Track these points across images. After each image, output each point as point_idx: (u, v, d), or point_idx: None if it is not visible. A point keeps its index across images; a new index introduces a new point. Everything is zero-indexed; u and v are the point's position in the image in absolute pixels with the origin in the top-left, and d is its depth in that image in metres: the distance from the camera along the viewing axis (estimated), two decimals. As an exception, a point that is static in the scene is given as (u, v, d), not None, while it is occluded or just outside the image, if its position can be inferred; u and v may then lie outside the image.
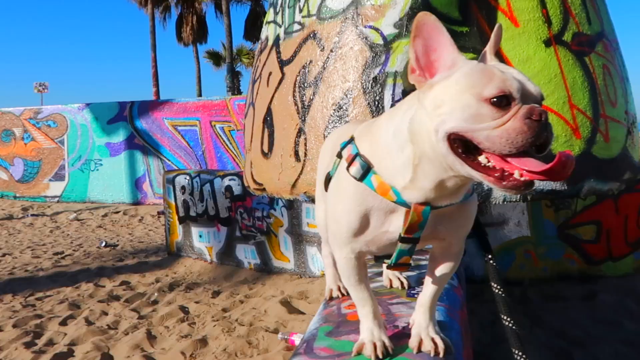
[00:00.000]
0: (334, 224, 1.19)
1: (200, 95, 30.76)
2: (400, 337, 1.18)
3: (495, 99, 0.97)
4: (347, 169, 1.15)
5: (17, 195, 12.31)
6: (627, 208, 4.67)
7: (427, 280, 1.23)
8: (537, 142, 0.95)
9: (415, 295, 1.41)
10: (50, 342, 3.80)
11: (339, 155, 1.22)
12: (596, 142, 3.22)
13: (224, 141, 10.65)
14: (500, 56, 3.18)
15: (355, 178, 1.13)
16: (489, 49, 1.12)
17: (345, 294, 1.49)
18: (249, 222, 5.44)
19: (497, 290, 1.43)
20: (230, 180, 5.64)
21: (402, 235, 1.12)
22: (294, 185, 3.38)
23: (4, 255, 6.97)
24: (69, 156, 11.90)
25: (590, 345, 3.31)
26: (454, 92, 1.01)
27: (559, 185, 3.12)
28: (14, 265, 6.32)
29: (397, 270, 1.15)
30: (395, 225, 1.12)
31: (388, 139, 1.11)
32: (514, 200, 3.10)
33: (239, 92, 28.44)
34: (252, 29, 34.26)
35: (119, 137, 11.47)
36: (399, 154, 1.08)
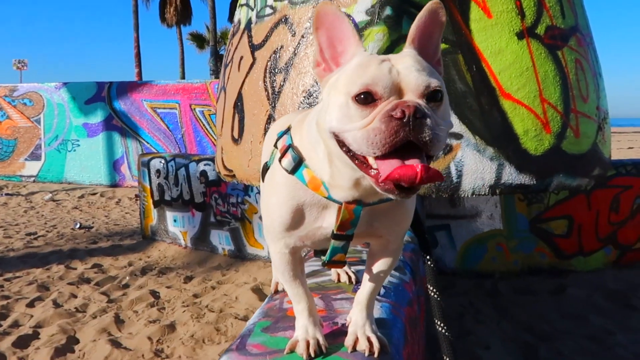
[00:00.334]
0: (267, 217, 1.16)
1: (183, 77, 30.39)
2: (338, 335, 1.16)
3: (359, 97, 0.92)
4: (280, 160, 1.12)
5: (-8, 174, 12.11)
6: (598, 204, 4.73)
7: (365, 277, 1.22)
8: (398, 142, 0.87)
9: (362, 291, 1.40)
10: (16, 324, 3.75)
11: (276, 145, 1.19)
12: (566, 137, 3.23)
13: (203, 125, 10.55)
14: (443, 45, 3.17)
15: (286, 170, 1.09)
16: (408, 38, 1.05)
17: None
18: (224, 208, 5.40)
19: (432, 294, 1.41)
20: (205, 165, 5.58)
21: (335, 232, 1.09)
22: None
23: (-26, 235, 6.85)
24: (45, 136, 11.70)
25: (555, 340, 3.35)
26: (335, 89, 0.97)
27: (529, 180, 3.13)
28: (-16, 246, 6.22)
29: (332, 267, 1.13)
30: (329, 221, 1.10)
31: (312, 132, 1.07)
32: (483, 193, 3.11)
33: (223, 75, 28.10)
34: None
35: (97, 117, 11.28)
36: (318, 149, 1.05)
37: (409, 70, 0.93)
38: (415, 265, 1.83)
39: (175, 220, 5.90)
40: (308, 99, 3.14)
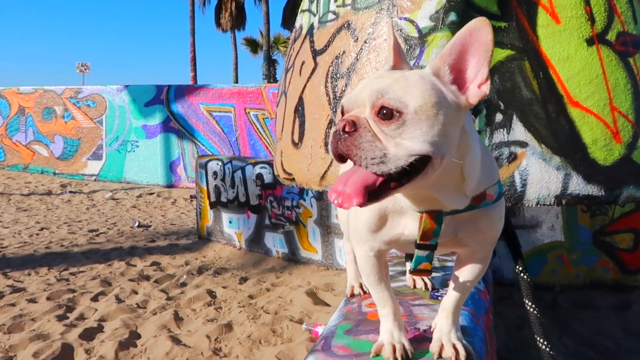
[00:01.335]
0: (354, 219, 1.19)
1: (236, 81, 30.98)
2: (421, 340, 1.16)
3: (341, 112, 1.02)
4: None
5: (57, 171, 12.67)
6: (667, 217, 4.51)
7: (452, 284, 1.21)
8: (335, 152, 0.95)
9: (439, 298, 1.39)
10: (81, 317, 3.91)
11: None
12: (637, 147, 3.11)
13: (257, 129, 10.71)
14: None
15: None
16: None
17: (367, 291, 1.48)
18: (279, 211, 5.47)
19: (530, 309, 1.39)
20: (261, 168, 5.67)
21: (418, 242, 1.09)
22: (323, 177, 3.38)
23: (41, 229, 7.19)
24: (106, 136, 12.17)
25: (619, 358, 3.22)
26: None
27: (597, 191, 3.03)
28: (51, 240, 6.51)
29: (418, 275, 1.13)
30: (410, 229, 1.11)
31: None
32: (548, 203, 3.03)
33: (275, 80, 28.50)
34: (291, 17, 34.19)
35: (155, 119, 11.65)
36: None
37: (370, 87, 0.97)
38: (486, 275, 1.81)
39: (230, 222, 6.01)
40: (370, 104, 3.15)
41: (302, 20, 3.90)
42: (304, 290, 4.37)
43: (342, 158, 0.97)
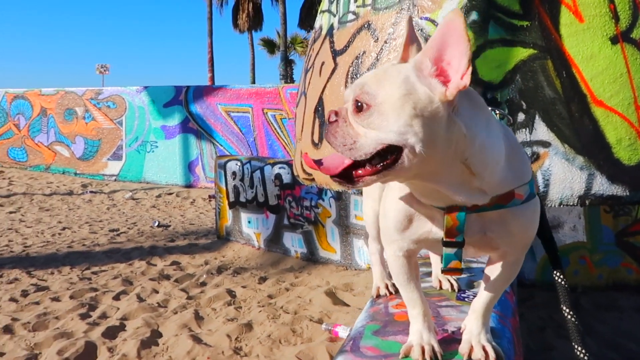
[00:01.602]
0: (383, 219, 1.19)
1: (253, 82, 31.11)
2: (450, 342, 1.15)
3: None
4: None
5: (77, 172, 12.85)
6: (692, 218, 4.43)
7: (482, 286, 1.21)
8: (326, 139, 1.06)
9: (466, 299, 1.39)
10: (104, 315, 3.96)
11: None
12: (663, 147, 3.06)
13: (275, 129, 10.75)
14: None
15: None
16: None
17: (393, 292, 1.48)
18: (297, 211, 5.48)
19: (568, 316, 1.37)
20: (280, 168, 5.69)
21: (444, 239, 1.10)
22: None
23: (63, 228, 7.30)
24: (126, 137, 12.31)
25: (644, 360, 3.17)
26: None
27: (621, 191, 2.99)
28: (73, 239, 6.61)
29: (449, 274, 1.12)
30: (439, 225, 1.11)
31: None
32: (572, 204, 3.00)
33: (292, 81, 28.57)
34: (307, 17, 34.26)
35: (174, 120, 11.75)
36: None
37: (354, 82, 1.07)
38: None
39: (249, 222, 6.04)
40: (391, 104, 3.14)
41: (322, 20, 3.90)
42: (323, 290, 4.38)
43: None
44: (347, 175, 1.02)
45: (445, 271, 1.12)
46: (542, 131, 2.96)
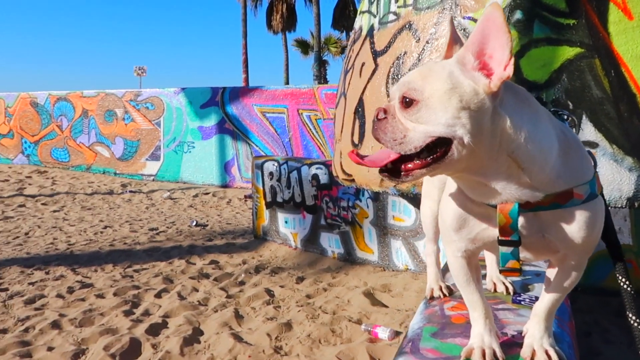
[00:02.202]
0: (441, 220, 1.20)
1: (287, 83, 31.29)
2: (510, 345, 1.14)
3: None
4: None
5: (117, 172, 13.17)
6: None
7: (544, 289, 1.19)
8: (374, 136, 1.09)
9: (522, 302, 1.37)
10: (147, 313, 4.04)
11: None
12: None
13: (310, 129, 10.78)
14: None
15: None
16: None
17: (447, 294, 1.47)
18: (334, 212, 5.49)
19: (635, 323, 1.35)
20: (317, 168, 5.71)
21: (499, 237, 1.10)
22: (382, 179, 3.37)
23: (105, 227, 7.48)
24: (164, 137, 12.54)
25: (697, 367, 3.06)
26: None
27: (670, 193, 2.89)
28: (114, 238, 6.77)
29: (508, 275, 1.12)
30: (495, 225, 1.11)
31: None
32: (620, 206, 2.92)
33: (326, 81, 28.61)
34: (341, 17, 34.29)
35: (211, 121, 11.92)
36: None
37: (400, 80, 1.10)
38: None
39: (286, 222, 6.08)
40: (433, 105, 3.12)
41: (362, 21, 3.90)
42: (361, 291, 4.37)
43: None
44: (394, 170, 1.06)
45: (503, 271, 1.11)
46: (589, 132, 2.89)
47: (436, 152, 1.02)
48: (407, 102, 1.04)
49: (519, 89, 1.10)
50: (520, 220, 1.07)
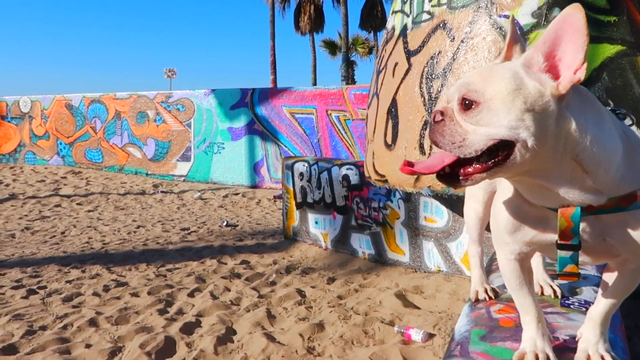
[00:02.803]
0: (494, 223, 1.17)
1: (315, 83, 31.33)
2: (562, 350, 1.11)
3: None
4: None
5: (149, 172, 13.38)
6: None
7: (601, 293, 1.15)
8: (431, 139, 1.07)
9: (571, 306, 1.33)
10: (180, 312, 4.08)
11: None
12: None
13: (339, 130, 10.78)
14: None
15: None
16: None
17: (493, 296, 1.44)
18: (365, 212, 5.46)
19: None
20: (347, 169, 5.69)
21: (558, 241, 1.07)
22: (417, 179, 3.34)
23: (138, 227, 7.61)
24: (194, 138, 12.70)
25: None
26: None
27: None
28: (147, 237, 6.88)
29: (565, 279, 1.08)
30: (552, 227, 1.08)
31: None
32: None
33: (353, 82, 28.55)
34: (369, 18, 34.20)
35: (240, 122, 12.02)
36: None
37: (458, 81, 1.08)
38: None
39: (316, 222, 6.08)
40: (468, 104, 3.07)
41: (394, 21, 3.87)
42: (392, 292, 4.34)
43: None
44: (451, 174, 1.04)
45: (561, 275, 1.08)
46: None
47: (497, 155, 0.99)
48: (467, 104, 1.01)
49: (583, 90, 1.07)
50: (581, 223, 1.04)
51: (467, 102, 1.01)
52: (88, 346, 3.43)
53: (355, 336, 3.53)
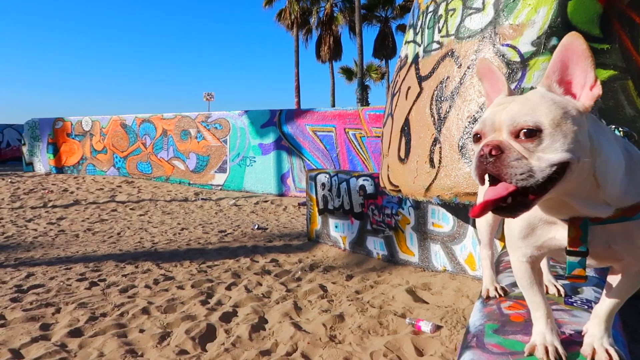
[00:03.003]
0: (508, 229, 1.14)
1: (333, 105, 31.42)
2: (569, 344, 1.08)
3: (474, 138, 1.03)
4: None
5: (191, 182, 13.50)
6: None
7: (605, 293, 1.12)
8: (482, 174, 0.95)
9: (574, 304, 1.30)
10: (219, 303, 4.09)
11: None
12: None
13: (355, 146, 10.75)
14: None
15: None
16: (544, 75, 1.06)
17: (503, 294, 1.41)
18: (379, 218, 5.43)
19: None
20: (364, 180, 5.67)
21: (568, 248, 1.03)
22: (428, 189, 3.31)
23: (182, 229, 7.67)
24: (230, 153, 12.78)
25: None
26: None
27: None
28: (190, 238, 6.92)
29: (573, 281, 1.05)
30: (562, 234, 1.04)
31: None
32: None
33: (368, 103, 28.52)
34: (381, 48, 34.19)
35: (269, 139, 12.07)
36: None
37: (506, 111, 0.96)
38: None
39: (336, 226, 6.06)
40: (473, 123, 3.04)
41: (407, 50, 3.86)
42: (403, 289, 4.29)
43: (482, 180, 0.97)
44: (510, 205, 0.94)
45: (569, 278, 1.05)
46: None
47: (555, 178, 0.92)
48: (528, 134, 0.92)
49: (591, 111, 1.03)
50: (589, 232, 1.01)
51: (526, 131, 0.93)
52: (142, 331, 3.46)
53: (371, 326, 3.49)
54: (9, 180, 14.23)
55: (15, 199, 10.90)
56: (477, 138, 1.01)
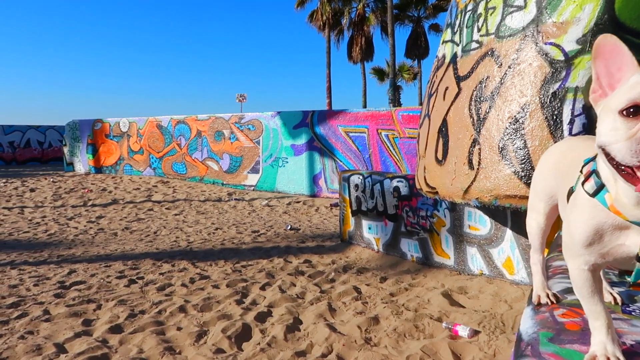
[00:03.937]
0: (568, 235, 1.08)
1: (365, 106, 31.30)
2: (631, 355, 1.03)
3: (625, 111, 0.87)
4: (583, 184, 1.04)
5: (224, 182, 13.69)
6: None
7: None
8: None
9: (633, 313, 1.24)
10: (254, 302, 4.13)
11: (581, 171, 1.11)
12: None
13: (388, 147, 10.67)
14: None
15: (588, 193, 1.02)
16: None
17: (555, 301, 1.36)
18: (414, 220, 5.37)
19: None
20: (398, 181, 5.62)
21: (639, 254, 0.97)
22: (466, 191, 3.25)
23: (216, 229, 7.78)
24: (262, 154, 12.90)
25: None
26: (605, 108, 0.94)
27: None
28: (224, 238, 7.01)
29: (637, 289, 1.00)
30: (632, 239, 0.98)
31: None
32: None
33: (399, 104, 28.30)
34: (413, 47, 33.88)
35: (302, 140, 12.12)
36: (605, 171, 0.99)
37: None
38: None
39: (369, 228, 6.02)
40: (514, 124, 2.97)
41: (445, 50, 3.80)
42: (439, 292, 4.23)
43: None
44: None
45: (634, 285, 1.00)
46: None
47: None
48: None
49: None
50: None
51: None
52: (179, 329, 3.52)
53: (407, 330, 3.45)
54: (51, 179, 14.78)
55: (57, 198, 11.30)
56: (631, 112, 0.87)
